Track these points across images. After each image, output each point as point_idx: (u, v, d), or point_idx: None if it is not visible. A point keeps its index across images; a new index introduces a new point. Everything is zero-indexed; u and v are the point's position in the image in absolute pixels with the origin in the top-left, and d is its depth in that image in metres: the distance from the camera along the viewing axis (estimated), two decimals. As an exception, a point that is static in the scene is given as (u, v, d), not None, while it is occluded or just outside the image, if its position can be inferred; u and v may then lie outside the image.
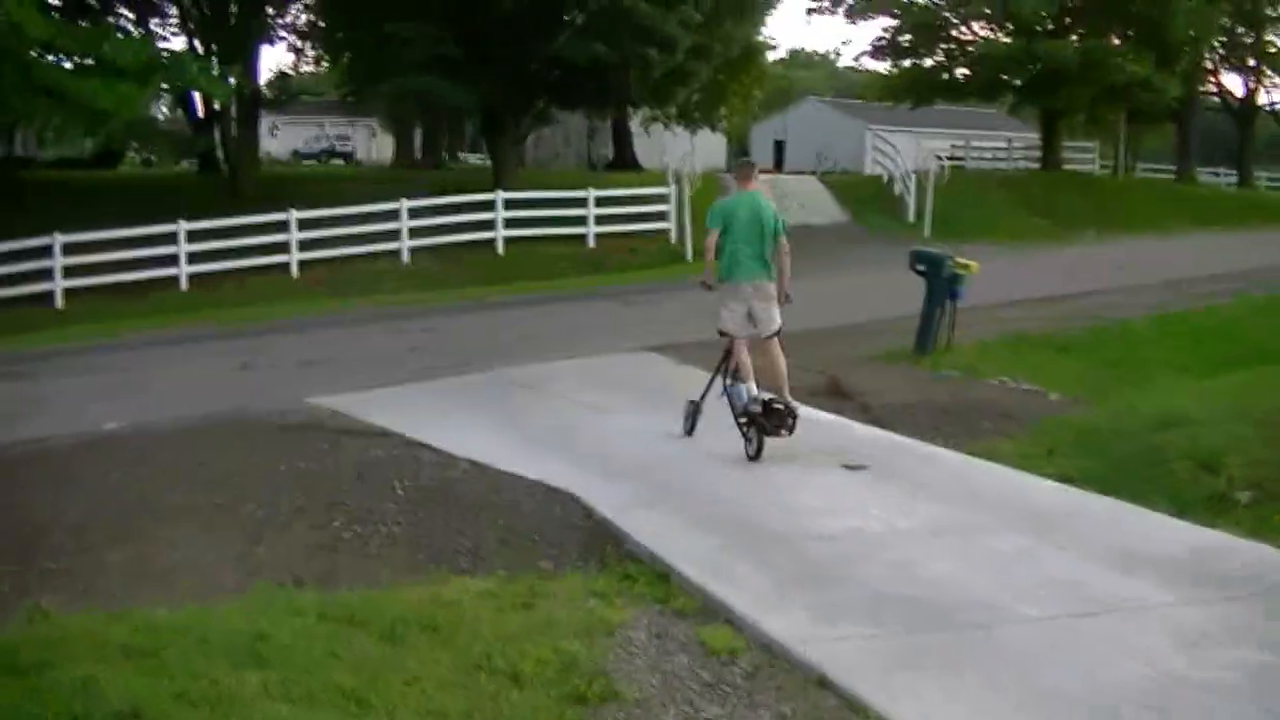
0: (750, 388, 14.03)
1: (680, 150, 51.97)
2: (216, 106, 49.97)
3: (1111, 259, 36.13)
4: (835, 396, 17.50)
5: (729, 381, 14.44)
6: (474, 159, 79.16)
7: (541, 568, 10.91)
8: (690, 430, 14.90)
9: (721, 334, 14.54)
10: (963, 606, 9.16)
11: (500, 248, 39.83)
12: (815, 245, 40.67)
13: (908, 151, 52.57)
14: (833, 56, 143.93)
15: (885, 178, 53.11)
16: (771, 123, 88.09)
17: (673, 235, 40.87)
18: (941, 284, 20.57)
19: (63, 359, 25.02)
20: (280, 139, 75.61)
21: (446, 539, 11.82)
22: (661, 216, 41.40)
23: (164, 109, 60.26)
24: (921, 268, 21.00)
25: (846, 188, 53.08)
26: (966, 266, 20.70)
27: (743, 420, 14.01)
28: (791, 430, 13.73)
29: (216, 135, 53.12)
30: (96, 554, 11.81)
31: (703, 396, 14.87)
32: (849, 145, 74.88)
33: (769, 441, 13.86)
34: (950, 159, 56.35)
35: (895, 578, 9.83)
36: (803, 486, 12.77)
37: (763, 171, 15.75)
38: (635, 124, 64.12)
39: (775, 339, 14.57)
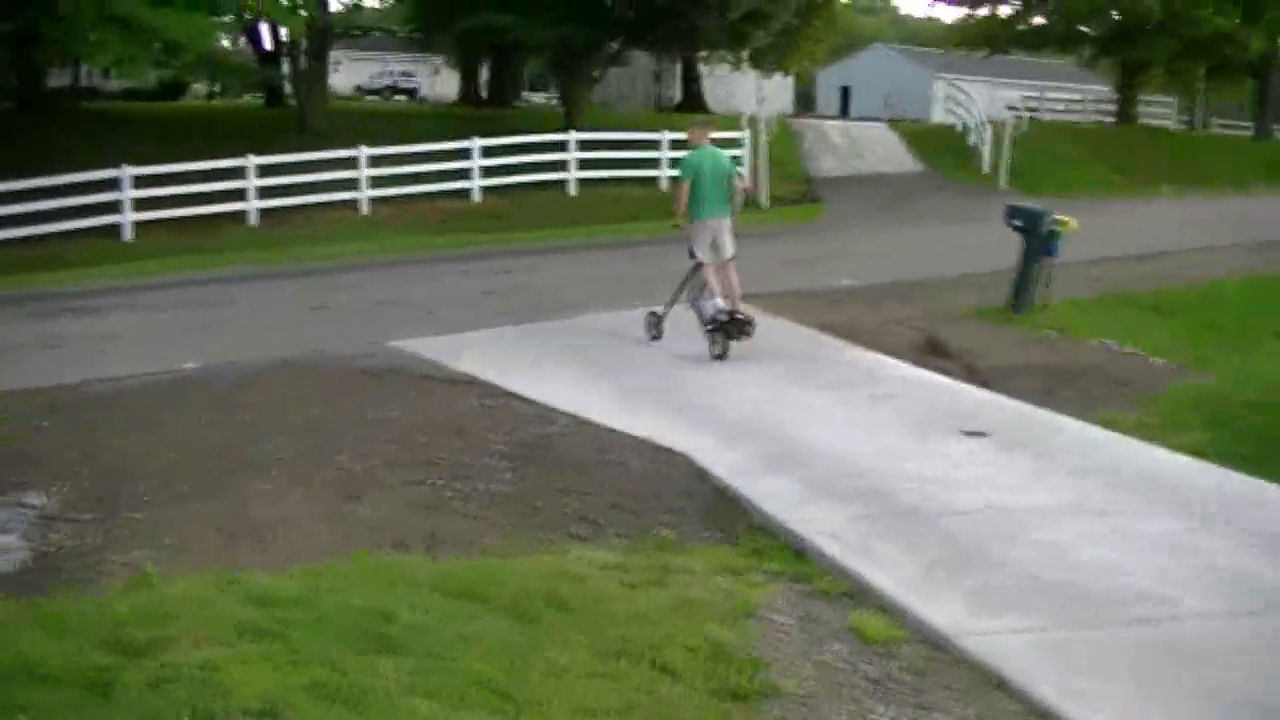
0: (718, 302, 16.63)
1: (749, 94, 51.14)
2: (285, 37, 49.35)
3: (1193, 216, 35.06)
4: (936, 355, 16.86)
5: (693, 296, 17.02)
6: (536, 98, 78.45)
7: (661, 536, 10.20)
8: (656, 337, 17.44)
9: (693, 259, 17.14)
10: (1130, 598, 8.45)
11: (572, 189, 39.15)
12: (891, 195, 40.19)
13: (982, 101, 51.63)
14: (894, 2, 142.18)
15: (959, 127, 52.17)
16: (837, 68, 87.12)
17: (746, 182, 39.97)
18: (1039, 240, 19.82)
19: (133, 294, 24.52)
20: (343, 74, 74.86)
21: (553, 500, 11.10)
22: (735, 161, 40.48)
23: (230, 41, 59.70)
24: (1018, 223, 20.20)
25: (917, 136, 52.21)
26: (1064, 223, 19.97)
27: (710, 327, 16.50)
28: (750, 335, 16.40)
29: (285, 68, 52.54)
30: (186, 505, 11.21)
31: (667, 307, 17.43)
32: (916, 93, 74.15)
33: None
34: (1023, 110, 55.34)
35: (1047, 562, 9.11)
36: (925, 454, 12.06)
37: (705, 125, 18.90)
38: (702, 66, 63.34)
39: (732, 262, 17.21)
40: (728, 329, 16.36)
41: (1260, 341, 18.73)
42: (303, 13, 39.92)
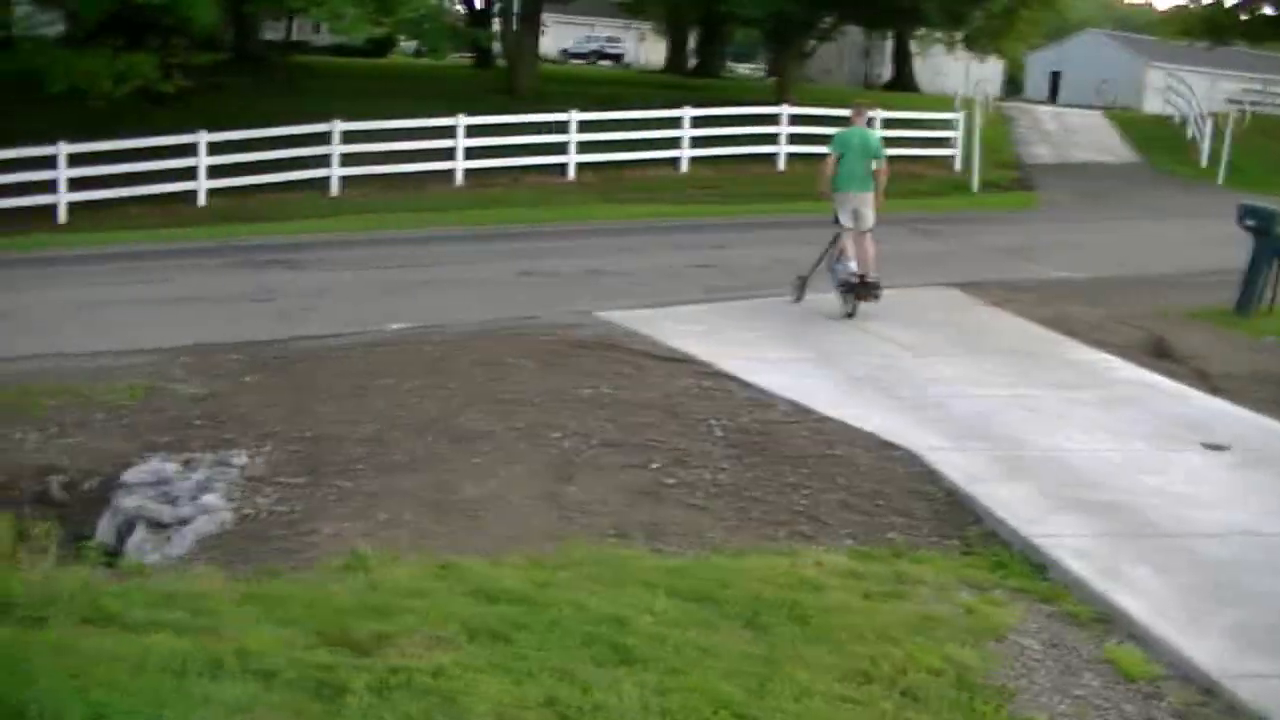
0: (852, 264, 17.95)
1: (958, 76, 50.09)
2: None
3: None
4: (1163, 357, 16.10)
5: (831, 261, 18.37)
6: (742, 69, 77.83)
7: (891, 540, 9.68)
8: (798, 299, 18.70)
9: (837, 224, 18.32)
10: None
11: (782, 163, 38.43)
12: (1105, 186, 39.06)
13: (1202, 92, 50.13)
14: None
15: (1175, 118, 50.70)
16: (1047, 53, 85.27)
17: (958, 164, 39.20)
18: (1272, 242, 18.91)
19: (340, 250, 24.46)
20: (550, 37, 74.87)
21: (779, 495, 10.59)
22: (946, 143, 39.80)
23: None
24: (1251, 223, 19.31)
25: (1131, 125, 50.88)
26: (1299, 224, 19.04)
27: (842, 288, 17.94)
28: (878, 298, 17.60)
29: (495, 29, 52.48)
30: (395, 476, 10.91)
31: (811, 271, 18.64)
32: (1128, 81, 72.30)
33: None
34: (1245, 104, 53.65)
35: (1311, 598, 8.43)
36: (1165, 465, 11.39)
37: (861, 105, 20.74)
38: (913, 45, 62.45)
39: (870, 233, 18.21)
40: (858, 290, 17.70)
41: None
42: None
